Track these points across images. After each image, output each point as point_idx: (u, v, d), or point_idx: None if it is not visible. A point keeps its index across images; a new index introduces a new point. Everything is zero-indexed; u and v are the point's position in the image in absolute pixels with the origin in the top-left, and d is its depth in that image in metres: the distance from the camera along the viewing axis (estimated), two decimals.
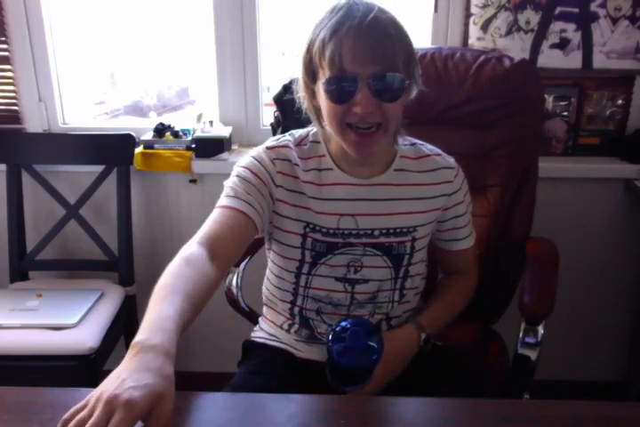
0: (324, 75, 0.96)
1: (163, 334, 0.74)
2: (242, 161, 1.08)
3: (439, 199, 1.11)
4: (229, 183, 1.06)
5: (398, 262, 1.11)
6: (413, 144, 1.14)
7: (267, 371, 1.12)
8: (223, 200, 1.03)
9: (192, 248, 0.94)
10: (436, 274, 1.26)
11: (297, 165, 1.07)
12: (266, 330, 1.22)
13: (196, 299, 0.85)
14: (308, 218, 1.07)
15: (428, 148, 1.14)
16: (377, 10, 0.93)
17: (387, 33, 0.92)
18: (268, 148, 1.08)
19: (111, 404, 0.64)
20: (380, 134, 0.99)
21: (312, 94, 1.02)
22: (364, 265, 1.09)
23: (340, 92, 0.94)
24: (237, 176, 1.05)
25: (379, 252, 1.09)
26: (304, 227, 1.07)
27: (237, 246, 1.01)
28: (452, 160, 1.14)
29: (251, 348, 1.21)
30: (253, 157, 1.07)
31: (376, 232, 1.08)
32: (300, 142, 1.10)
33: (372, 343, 0.96)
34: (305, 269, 1.10)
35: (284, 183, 1.07)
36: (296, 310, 1.15)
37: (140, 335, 0.74)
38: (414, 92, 1.02)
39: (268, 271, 1.20)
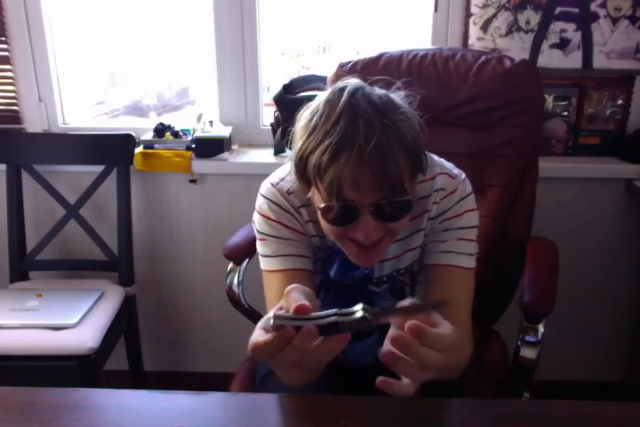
0: (321, 197, 0.88)
1: None
2: (264, 209, 0.99)
3: (419, 234, 1.04)
4: (265, 238, 0.99)
5: (401, 295, 1.11)
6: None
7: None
8: (268, 262, 0.99)
9: None
10: None
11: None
12: None
13: None
14: None
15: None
16: (380, 128, 0.81)
17: (391, 157, 0.82)
18: (288, 192, 0.99)
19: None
20: (386, 242, 0.92)
21: (307, 189, 0.92)
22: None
23: (340, 218, 0.87)
24: (272, 237, 0.99)
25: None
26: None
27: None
28: (438, 183, 1.01)
29: None
30: (279, 207, 0.99)
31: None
32: None
33: None
34: (321, 293, 1.11)
35: (316, 230, 1.02)
36: None
37: None
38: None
39: None
